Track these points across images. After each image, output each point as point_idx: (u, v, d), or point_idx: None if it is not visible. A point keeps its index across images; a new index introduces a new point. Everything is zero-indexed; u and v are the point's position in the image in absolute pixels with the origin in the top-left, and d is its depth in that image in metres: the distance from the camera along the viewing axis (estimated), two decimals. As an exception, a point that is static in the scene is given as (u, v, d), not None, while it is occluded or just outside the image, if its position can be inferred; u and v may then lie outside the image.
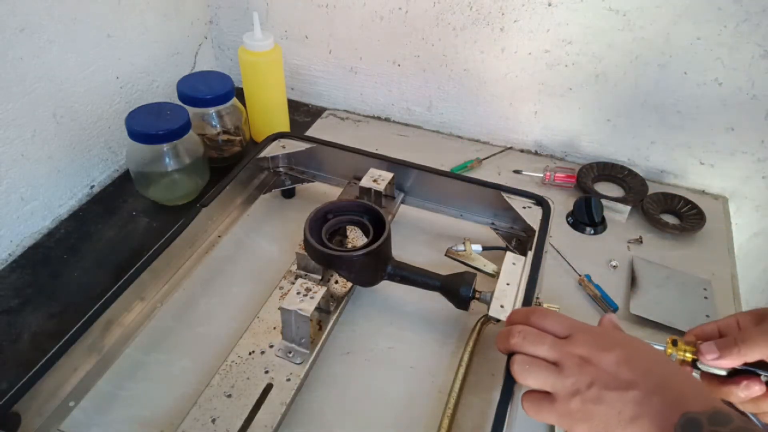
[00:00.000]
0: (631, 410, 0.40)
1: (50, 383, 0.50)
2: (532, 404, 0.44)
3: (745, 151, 0.84)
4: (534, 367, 0.44)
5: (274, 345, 0.57)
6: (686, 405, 0.38)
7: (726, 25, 0.74)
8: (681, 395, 0.39)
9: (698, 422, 0.37)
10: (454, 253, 0.68)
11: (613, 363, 0.42)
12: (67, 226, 0.78)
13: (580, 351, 0.44)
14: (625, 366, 0.42)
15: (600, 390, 0.41)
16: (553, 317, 0.48)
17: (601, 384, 0.41)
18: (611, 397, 0.41)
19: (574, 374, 0.43)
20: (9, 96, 0.68)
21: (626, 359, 0.42)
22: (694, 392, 0.40)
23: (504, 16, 0.84)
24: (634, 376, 0.41)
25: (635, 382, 0.41)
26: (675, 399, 0.39)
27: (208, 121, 0.84)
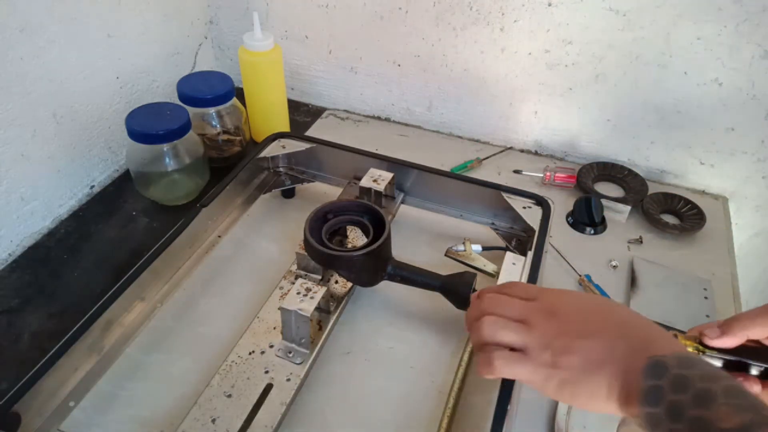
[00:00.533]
0: (598, 357, 0.41)
1: (50, 383, 0.50)
2: (506, 362, 0.44)
3: (745, 151, 0.84)
4: (504, 325, 0.45)
5: (274, 345, 0.57)
6: (652, 349, 0.39)
7: (726, 25, 0.74)
8: (646, 340, 0.40)
9: (664, 365, 0.37)
10: (454, 253, 0.68)
11: (577, 313, 0.44)
12: (68, 226, 0.78)
13: (546, 306, 0.45)
14: (589, 315, 0.43)
15: (567, 340, 0.42)
16: (519, 285, 0.50)
17: (568, 334, 0.43)
18: (578, 345, 0.42)
19: (541, 328, 0.44)
20: (9, 96, 0.68)
21: (591, 309, 0.44)
22: (659, 337, 0.41)
23: (504, 16, 0.84)
24: (598, 324, 0.42)
25: (600, 329, 0.42)
26: (640, 344, 0.40)
27: (208, 121, 0.84)
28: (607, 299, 0.47)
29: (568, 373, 0.42)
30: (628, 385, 0.39)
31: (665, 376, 0.36)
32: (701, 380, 0.35)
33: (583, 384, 0.41)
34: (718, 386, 0.34)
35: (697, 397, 0.34)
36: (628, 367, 0.39)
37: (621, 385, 0.39)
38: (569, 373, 0.41)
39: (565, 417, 0.56)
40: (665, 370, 0.37)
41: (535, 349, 0.43)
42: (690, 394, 0.35)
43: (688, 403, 0.34)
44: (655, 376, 0.37)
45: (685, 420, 0.34)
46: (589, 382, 0.41)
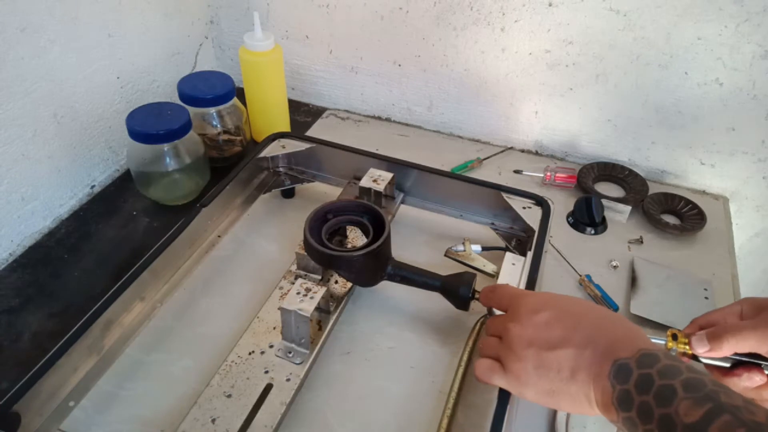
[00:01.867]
0: (568, 367, 0.42)
1: (50, 383, 0.50)
2: (484, 371, 0.48)
3: (745, 152, 0.84)
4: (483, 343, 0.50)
5: (274, 345, 0.57)
6: (616, 352, 0.40)
7: (727, 25, 0.74)
8: (610, 344, 0.41)
9: (628, 368, 0.38)
10: (454, 253, 0.68)
11: (543, 324, 0.45)
12: (68, 226, 0.78)
13: (515, 319, 0.47)
14: (555, 325, 0.44)
15: (537, 352, 0.44)
16: (499, 292, 0.52)
17: (537, 347, 0.44)
18: (548, 357, 0.43)
19: (512, 343, 0.46)
20: (10, 96, 0.68)
21: (556, 318, 0.45)
22: (623, 338, 0.41)
23: (505, 16, 0.84)
24: (565, 333, 0.43)
25: (567, 338, 0.43)
26: (606, 349, 0.41)
27: (208, 120, 0.84)
28: (574, 300, 0.48)
29: (546, 385, 0.43)
30: (602, 391, 0.40)
31: (630, 379, 0.38)
32: (661, 377, 0.36)
33: (562, 394, 0.42)
34: (677, 381, 0.36)
35: (658, 396, 0.36)
36: (598, 374, 0.40)
37: (596, 392, 0.40)
38: (548, 384, 0.43)
39: (565, 417, 0.56)
40: (630, 372, 0.38)
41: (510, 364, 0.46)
42: (652, 393, 0.36)
43: (653, 402, 0.36)
44: (621, 381, 0.38)
45: (655, 420, 0.35)
46: (567, 392, 0.42)
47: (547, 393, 0.43)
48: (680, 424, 0.34)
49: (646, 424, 0.36)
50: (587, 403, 0.41)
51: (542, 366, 0.43)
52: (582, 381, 0.41)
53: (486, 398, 0.58)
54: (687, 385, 0.36)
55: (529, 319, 0.46)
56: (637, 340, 0.41)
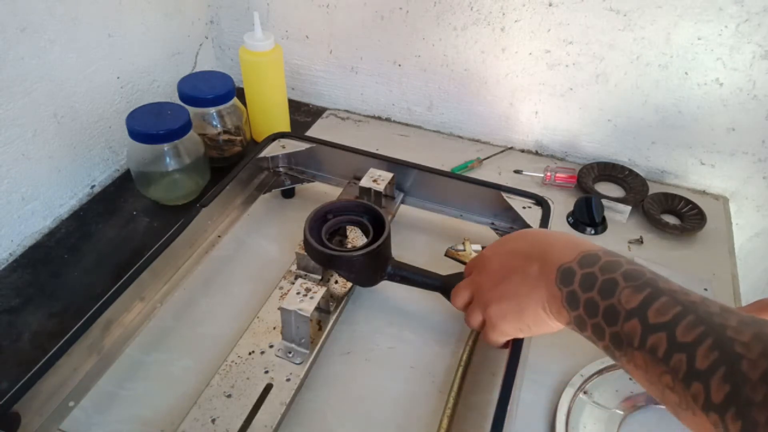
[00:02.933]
0: (524, 287, 0.46)
1: (50, 383, 0.50)
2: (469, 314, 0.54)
3: (745, 152, 0.84)
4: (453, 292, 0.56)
5: (274, 345, 0.57)
6: (559, 259, 0.43)
7: (727, 25, 0.74)
8: (553, 255, 0.44)
9: (571, 270, 0.41)
10: (454, 253, 0.68)
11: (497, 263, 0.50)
12: (68, 226, 0.78)
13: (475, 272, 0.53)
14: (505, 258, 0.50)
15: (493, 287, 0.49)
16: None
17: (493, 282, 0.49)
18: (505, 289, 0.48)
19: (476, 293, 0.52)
20: (10, 96, 0.68)
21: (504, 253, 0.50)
22: (564, 246, 0.44)
23: (505, 16, 0.84)
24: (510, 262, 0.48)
25: (513, 266, 0.48)
26: (549, 258, 0.44)
27: (208, 120, 0.84)
28: (521, 231, 0.53)
29: (512, 314, 0.47)
30: (552, 298, 0.43)
31: (575, 279, 0.41)
32: (603, 272, 0.39)
33: (525, 315, 0.46)
34: (618, 274, 0.39)
35: (601, 290, 0.39)
36: (546, 283, 0.43)
37: (549, 302, 0.43)
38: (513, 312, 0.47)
39: (565, 417, 0.56)
40: (573, 274, 0.41)
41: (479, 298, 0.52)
42: (596, 289, 0.39)
43: (597, 297, 0.39)
44: (567, 283, 0.41)
45: (600, 312, 0.38)
46: (528, 312, 0.46)
47: (516, 318, 0.47)
48: (623, 311, 0.37)
49: (593, 318, 0.39)
50: (546, 316, 0.45)
51: (503, 296, 0.48)
52: (536, 297, 0.45)
53: (486, 398, 0.58)
54: (627, 275, 0.38)
55: (482, 269, 0.52)
56: (579, 245, 0.44)
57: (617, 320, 0.37)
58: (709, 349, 0.32)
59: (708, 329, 0.33)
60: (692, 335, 0.33)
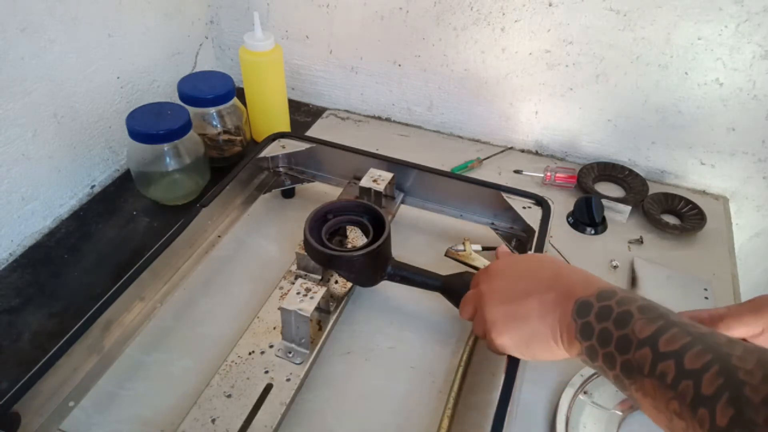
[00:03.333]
0: (535, 313, 0.46)
1: (50, 383, 0.50)
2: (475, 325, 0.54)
3: (745, 152, 0.84)
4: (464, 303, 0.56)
5: (274, 345, 0.57)
6: (577, 293, 0.44)
7: (727, 25, 0.74)
8: (571, 287, 0.45)
9: (589, 303, 0.42)
10: (454, 253, 0.68)
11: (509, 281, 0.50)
12: (68, 226, 0.78)
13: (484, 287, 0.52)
14: (519, 280, 0.50)
15: (506, 307, 0.49)
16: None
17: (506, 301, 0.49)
18: (516, 309, 0.48)
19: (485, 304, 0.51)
20: (10, 96, 0.68)
21: (518, 275, 0.51)
22: (582, 281, 0.45)
23: (505, 16, 0.84)
24: (527, 285, 0.48)
25: (530, 289, 0.48)
26: (566, 291, 0.45)
27: (208, 120, 0.84)
28: (535, 257, 0.53)
29: (518, 333, 0.48)
30: (566, 329, 0.44)
31: (591, 311, 0.42)
32: (619, 305, 0.41)
33: (533, 340, 0.47)
34: (633, 307, 0.40)
35: (617, 320, 0.40)
36: (562, 314, 0.44)
37: (561, 331, 0.45)
38: (519, 332, 0.48)
39: (565, 417, 0.56)
40: (590, 307, 0.42)
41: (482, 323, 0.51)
42: (612, 319, 0.40)
43: (612, 327, 0.40)
44: (583, 315, 0.42)
45: (613, 342, 0.40)
46: (536, 337, 0.46)
47: (521, 340, 0.48)
48: (635, 340, 0.38)
49: (605, 347, 0.40)
50: (555, 345, 0.45)
51: (512, 316, 0.48)
52: (548, 324, 0.45)
53: (486, 398, 0.58)
54: (641, 309, 0.40)
55: (496, 279, 0.52)
56: (596, 281, 0.45)
57: (629, 349, 0.38)
58: (715, 376, 0.33)
59: (714, 357, 0.34)
60: (699, 363, 0.34)
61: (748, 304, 0.47)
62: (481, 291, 0.53)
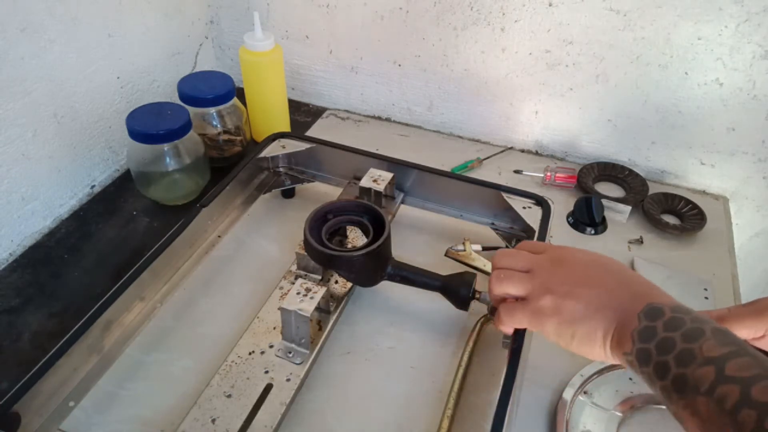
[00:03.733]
0: (597, 302, 0.44)
1: (50, 383, 0.50)
2: (507, 311, 0.49)
3: (745, 152, 0.84)
4: (508, 275, 0.50)
5: (274, 345, 0.57)
6: (650, 298, 0.42)
7: (727, 25, 0.74)
8: (645, 291, 0.44)
9: (661, 310, 0.40)
10: (454, 253, 0.68)
11: (582, 265, 0.48)
12: (68, 226, 0.78)
13: (552, 257, 0.49)
14: (593, 268, 0.47)
15: (571, 286, 0.46)
16: (531, 242, 0.55)
17: (572, 281, 0.46)
18: (580, 291, 0.45)
19: (545, 274, 0.48)
20: (10, 96, 0.68)
21: (595, 263, 0.48)
22: (658, 291, 0.44)
23: (505, 16, 0.84)
24: (601, 276, 0.46)
25: (602, 280, 0.46)
26: (640, 293, 0.43)
27: (208, 120, 0.84)
28: (611, 258, 0.50)
29: (569, 316, 0.45)
30: (624, 327, 0.42)
31: (661, 318, 0.40)
32: (693, 321, 0.39)
33: (582, 326, 0.44)
34: (707, 326, 0.38)
35: (686, 334, 0.38)
36: (627, 311, 0.42)
37: (617, 327, 0.42)
38: (570, 315, 0.45)
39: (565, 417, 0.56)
40: (662, 313, 0.40)
41: (536, 295, 0.47)
42: (681, 331, 0.38)
43: (678, 338, 0.38)
44: (651, 318, 0.40)
45: (674, 352, 0.38)
46: (587, 325, 0.44)
47: (567, 322, 0.45)
48: (700, 356, 0.36)
49: (663, 355, 0.38)
50: (601, 339, 0.43)
51: (573, 297, 0.45)
52: (607, 316, 0.43)
53: (486, 398, 0.58)
54: (716, 331, 0.37)
55: (573, 260, 0.48)
56: (670, 297, 0.43)
57: (690, 363, 0.36)
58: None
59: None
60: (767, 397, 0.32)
61: (749, 306, 0.46)
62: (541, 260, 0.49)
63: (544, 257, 0.50)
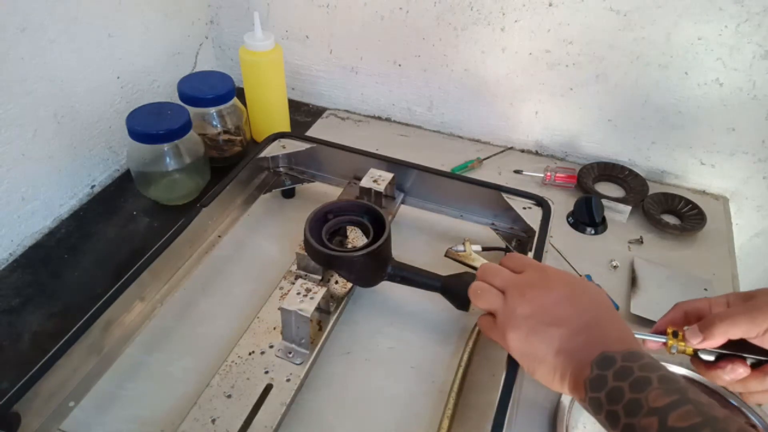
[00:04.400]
0: (558, 344, 0.45)
1: (50, 383, 0.50)
2: (483, 324, 0.52)
3: (745, 152, 0.84)
4: (484, 292, 0.51)
5: (274, 345, 0.57)
6: (606, 345, 0.43)
7: (727, 25, 0.74)
8: (604, 336, 0.44)
9: (613, 359, 0.41)
10: (454, 253, 0.68)
11: (553, 300, 0.47)
12: (68, 226, 0.78)
13: (527, 283, 0.49)
14: (563, 304, 0.47)
15: (536, 322, 0.46)
16: (516, 257, 0.54)
17: (539, 315, 0.47)
18: (544, 331, 0.46)
19: (516, 300, 0.48)
20: (10, 96, 0.68)
21: (566, 298, 0.47)
22: (618, 335, 0.44)
23: (505, 16, 0.84)
24: (568, 314, 0.46)
25: (568, 320, 0.46)
26: (598, 339, 0.44)
27: (208, 120, 0.84)
28: (588, 286, 0.50)
29: (530, 353, 0.46)
30: (578, 373, 0.43)
31: (611, 368, 0.41)
32: (641, 370, 0.40)
33: (542, 366, 0.46)
34: (654, 375, 0.39)
35: (634, 383, 0.39)
36: (581, 360, 0.43)
37: (572, 373, 0.43)
38: (532, 353, 0.46)
39: (565, 417, 0.56)
40: (613, 362, 0.41)
41: (503, 321, 0.48)
42: (629, 381, 0.39)
43: (627, 388, 0.39)
44: (602, 368, 0.41)
45: (623, 402, 0.39)
46: (546, 365, 0.45)
47: (525, 356, 0.47)
48: (646, 407, 0.37)
49: (612, 405, 0.39)
50: (558, 380, 0.45)
51: (534, 335, 0.46)
52: (563, 360, 0.44)
53: (486, 399, 0.58)
54: (662, 378, 0.39)
55: (548, 287, 0.48)
56: (629, 342, 0.44)
57: (638, 413, 0.38)
58: None
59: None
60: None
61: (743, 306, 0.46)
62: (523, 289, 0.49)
63: (521, 279, 0.50)
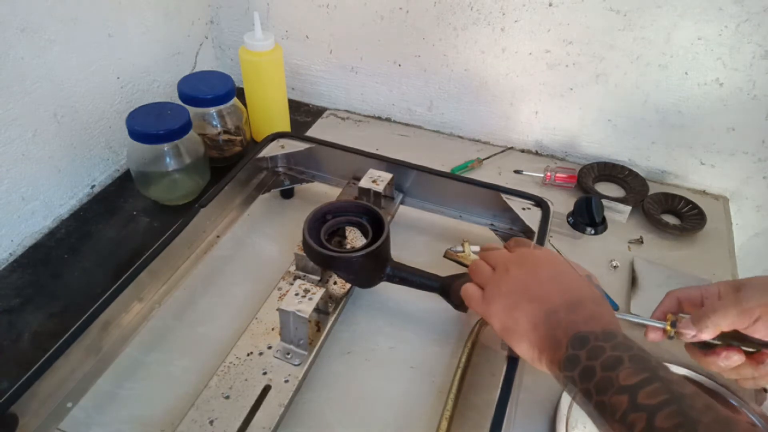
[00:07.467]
0: (536, 320, 0.46)
1: (48, 384, 0.50)
2: (467, 294, 0.52)
3: (745, 152, 0.84)
4: (478, 267, 0.53)
5: (272, 346, 0.57)
6: (583, 326, 0.44)
7: (727, 25, 0.74)
8: (583, 316, 0.45)
9: (586, 338, 0.42)
10: (453, 254, 0.67)
11: (537, 278, 0.49)
12: (68, 226, 0.78)
13: (515, 261, 0.51)
14: (547, 283, 0.48)
15: (518, 298, 0.48)
16: (520, 240, 0.57)
17: (521, 293, 0.48)
18: (524, 306, 0.47)
19: (500, 277, 0.50)
20: (10, 96, 0.68)
21: (551, 277, 0.49)
22: (596, 316, 0.45)
23: (505, 16, 0.84)
24: (550, 292, 0.47)
25: (549, 298, 0.47)
26: (576, 318, 0.44)
27: (208, 120, 0.84)
28: (574, 270, 0.51)
29: (511, 328, 0.47)
30: (553, 352, 0.44)
31: (585, 348, 0.42)
32: (613, 349, 0.41)
33: (521, 341, 0.47)
34: (626, 354, 0.40)
35: (606, 362, 0.40)
36: (559, 337, 0.44)
37: (548, 351, 0.45)
38: (512, 328, 0.47)
39: (565, 417, 0.56)
40: (587, 342, 0.42)
41: (487, 296, 0.50)
42: (600, 360, 0.40)
43: (598, 367, 0.40)
44: (576, 347, 0.42)
45: (594, 380, 0.40)
46: (525, 341, 0.46)
47: (507, 330, 0.48)
48: (616, 385, 0.38)
49: (585, 383, 0.40)
50: (536, 355, 0.46)
51: (516, 310, 0.47)
52: (540, 336, 0.45)
53: (486, 398, 0.58)
54: (634, 357, 0.40)
55: (530, 269, 0.50)
56: (605, 321, 0.44)
57: (608, 391, 0.39)
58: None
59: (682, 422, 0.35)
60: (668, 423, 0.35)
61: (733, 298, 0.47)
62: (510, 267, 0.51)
63: (512, 257, 0.52)
